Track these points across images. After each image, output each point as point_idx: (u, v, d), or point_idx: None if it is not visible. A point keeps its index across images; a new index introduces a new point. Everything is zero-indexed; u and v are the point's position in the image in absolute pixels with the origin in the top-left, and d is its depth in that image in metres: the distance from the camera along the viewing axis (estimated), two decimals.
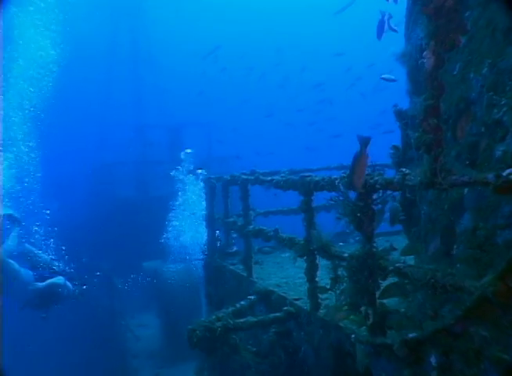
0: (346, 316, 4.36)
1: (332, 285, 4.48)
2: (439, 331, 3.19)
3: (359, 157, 3.70)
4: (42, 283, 9.15)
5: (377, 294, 3.97)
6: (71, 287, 9.73)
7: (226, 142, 27.77)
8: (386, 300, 4.06)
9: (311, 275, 4.92)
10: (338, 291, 4.44)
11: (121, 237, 18.16)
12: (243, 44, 41.69)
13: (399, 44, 4.99)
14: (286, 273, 7.03)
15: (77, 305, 10.36)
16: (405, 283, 3.82)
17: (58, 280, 9.41)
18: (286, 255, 7.91)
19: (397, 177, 3.54)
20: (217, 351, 5.19)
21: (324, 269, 4.80)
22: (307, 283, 5.06)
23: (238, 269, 7.43)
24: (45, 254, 9.82)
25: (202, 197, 9.65)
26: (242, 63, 39.79)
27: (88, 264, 15.48)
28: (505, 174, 2.73)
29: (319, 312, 4.94)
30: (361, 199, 3.90)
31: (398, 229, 5.22)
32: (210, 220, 8.46)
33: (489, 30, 3.62)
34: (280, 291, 6.05)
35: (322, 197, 5.18)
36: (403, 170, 3.50)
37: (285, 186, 5.22)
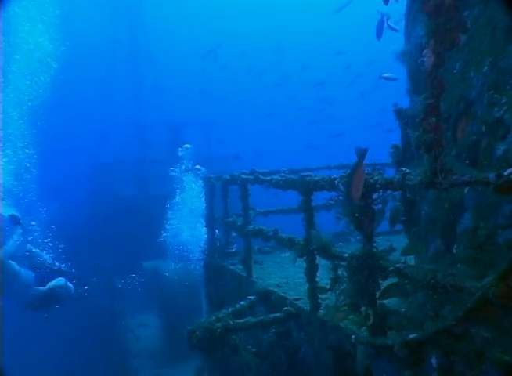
0: (345, 316, 4.34)
1: (332, 285, 4.45)
2: (440, 332, 3.16)
3: (356, 169, 3.68)
4: (44, 288, 9.09)
5: (377, 294, 3.95)
6: (72, 287, 9.70)
7: (226, 142, 27.75)
8: (386, 300, 4.04)
9: (311, 275, 4.89)
10: (338, 291, 4.41)
11: (121, 237, 18.14)
12: (243, 43, 41.66)
13: (399, 42, 4.96)
14: (286, 273, 7.00)
15: (77, 305, 10.34)
16: (406, 284, 3.80)
17: (59, 281, 9.37)
18: (286, 255, 7.87)
19: (397, 177, 3.52)
20: (217, 352, 5.17)
21: (324, 269, 4.77)
22: (307, 284, 5.04)
23: (238, 269, 7.40)
24: (46, 255, 9.78)
25: (201, 194, 9.63)
26: (242, 61, 39.77)
27: (88, 263, 15.50)
28: (506, 173, 2.70)
29: (319, 312, 4.91)
30: (361, 199, 3.87)
31: (398, 228, 5.19)
32: (210, 220, 8.44)
33: (489, 29, 3.59)
34: (280, 291, 6.02)
35: (321, 197, 5.16)
36: (403, 169, 3.48)
37: (284, 185, 5.19)
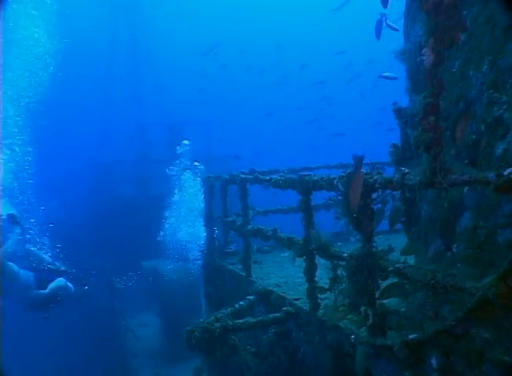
0: (344, 316, 4.32)
1: (331, 285, 4.43)
2: (440, 332, 3.14)
3: (354, 177, 3.67)
4: (45, 291, 9.02)
5: (377, 294, 3.93)
6: (72, 287, 9.67)
7: (226, 141, 27.73)
8: (386, 300, 4.02)
9: (311, 275, 4.87)
10: (337, 291, 4.40)
11: (121, 236, 18.12)
12: (243, 42, 41.64)
13: (399, 41, 4.93)
14: (286, 273, 6.98)
15: (77, 304, 10.31)
16: (405, 284, 3.78)
17: (59, 282, 9.32)
18: (286, 254, 7.85)
19: (396, 176, 3.50)
20: (216, 352, 5.15)
21: (324, 268, 4.75)
22: (306, 283, 5.02)
23: (237, 269, 7.38)
24: (46, 255, 9.73)
25: (199, 193, 9.59)
26: (241, 60, 39.75)
27: (87, 263, 15.48)
28: (506, 173, 2.68)
29: (319, 312, 4.90)
30: (360, 198, 3.85)
31: (398, 227, 5.16)
32: (209, 219, 8.42)
33: (489, 27, 3.57)
34: (280, 290, 6.00)
35: (321, 197, 5.14)
36: (402, 169, 3.46)
37: (284, 185, 5.17)
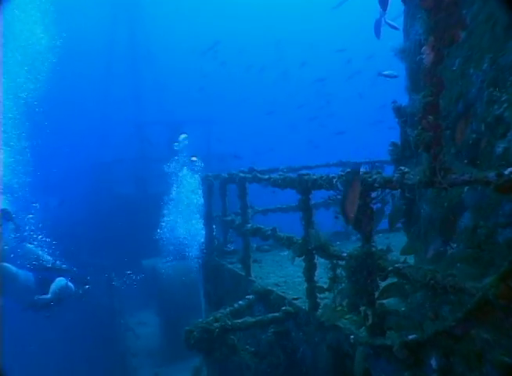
0: (341, 316, 4.30)
1: (330, 285, 4.41)
2: (440, 333, 3.12)
3: (351, 187, 3.65)
4: (47, 296, 8.99)
5: (376, 294, 3.90)
6: (73, 287, 9.65)
7: (226, 140, 27.70)
8: (385, 300, 4.00)
9: (310, 275, 4.85)
10: (336, 290, 4.37)
11: (120, 235, 18.11)
12: (242, 40, 41.61)
13: (399, 38, 4.90)
14: (285, 272, 6.95)
15: (77, 304, 10.29)
16: (405, 284, 3.76)
17: (60, 282, 9.29)
18: (285, 253, 7.83)
19: (396, 176, 3.47)
20: (215, 352, 5.13)
21: (323, 267, 4.73)
22: (305, 283, 5.00)
23: (236, 268, 7.35)
24: (46, 254, 9.70)
25: (196, 190, 9.54)
26: (241, 58, 39.71)
27: (87, 262, 15.46)
28: (507, 173, 2.65)
29: (318, 312, 4.87)
30: (359, 198, 3.82)
31: (398, 225, 5.14)
32: (208, 218, 8.40)
33: (489, 25, 3.54)
34: (279, 290, 5.97)
35: (320, 196, 5.11)
36: (402, 168, 3.43)
37: (283, 184, 5.14)
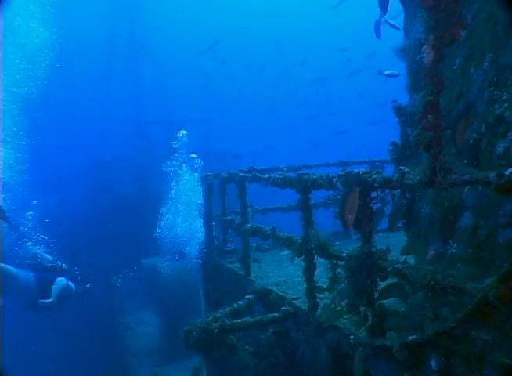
0: (340, 316, 4.29)
1: (330, 285, 4.39)
2: (440, 334, 3.10)
3: (349, 195, 3.63)
4: (50, 300, 9.06)
5: (376, 294, 3.88)
6: (74, 286, 9.66)
7: (226, 139, 27.68)
8: (385, 301, 3.98)
9: (309, 274, 4.83)
10: (336, 291, 4.35)
11: (120, 234, 18.09)
12: (243, 38, 41.57)
13: (399, 37, 4.88)
14: (285, 272, 6.93)
15: (76, 303, 10.28)
16: (404, 284, 3.74)
17: (60, 282, 9.30)
18: (285, 253, 7.81)
19: (396, 176, 3.45)
20: (214, 352, 5.11)
21: (323, 267, 4.71)
22: (305, 283, 4.98)
23: (236, 268, 7.33)
24: (47, 254, 9.70)
25: (195, 187, 9.51)
26: (241, 57, 39.67)
27: (86, 261, 15.45)
28: (507, 173, 2.63)
29: (317, 312, 4.85)
30: (359, 197, 3.80)
31: (398, 225, 5.11)
32: (208, 218, 8.38)
33: (490, 24, 3.52)
34: (279, 289, 5.95)
35: (320, 196, 5.09)
36: (402, 168, 3.41)
37: (282, 184, 5.12)
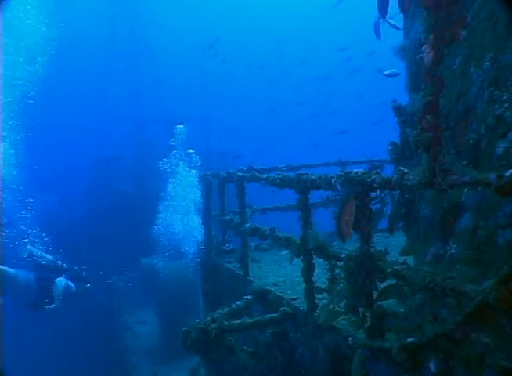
0: (338, 316, 4.27)
1: (329, 287, 4.36)
2: (439, 336, 3.08)
3: (346, 205, 3.61)
4: (54, 305, 9.17)
5: (375, 295, 3.86)
6: (73, 286, 9.67)
7: (226, 139, 27.65)
8: (384, 301, 3.95)
9: (308, 275, 4.80)
10: (334, 291, 4.32)
11: (120, 232, 18.07)
12: (243, 37, 41.55)
13: (399, 36, 4.85)
14: (284, 272, 6.91)
15: (76, 302, 10.26)
16: (403, 285, 3.71)
17: (60, 283, 9.31)
18: (284, 253, 7.79)
19: (395, 176, 3.42)
20: (212, 353, 5.09)
21: (322, 267, 4.68)
22: (304, 283, 4.95)
23: (234, 268, 7.31)
24: (47, 254, 9.69)
25: (194, 184, 9.49)
26: (241, 56, 39.63)
27: (86, 259, 15.42)
28: (507, 174, 2.60)
29: (316, 312, 4.83)
30: (358, 198, 3.78)
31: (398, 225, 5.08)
32: (207, 217, 8.35)
33: (491, 23, 3.49)
34: (277, 290, 5.93)
35: (319, 196, 5.07)
36: (401, 169, 3.38)
37: (281, 184, 5.09)
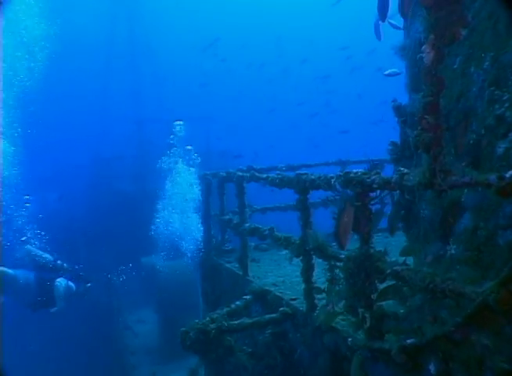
0: (336, 316, 4.26)
1: (329, 287, 4.34)
2: (439, 338, 3.06)
3: (344, 214, 3.60)
4: (59, 307, 9.27)
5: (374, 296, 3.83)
6: (74, 286, 9.68)
7: (226, 138, 27.62)
8: (383, 302, 3.93)
9: (308, 276, 4.79)
10: (333, 292, 4.31)
11: (120, 232, 18.06)
12: (243, 36, 41.51)
13: (400, 36, 4.82)
14: (284, 271, 6.89)
15: (76, 301, 10.26)
16: (403, 286, 3.69)
17: (60, 284, 9.31)
18: (284, 253, 7.76)
19: (395, 177, 3.40)
20: (211, 353, 5.07)
21: (322, 267, 4.66)
22: (303, 284, 4.93)
23: (234, 267, 7.30)
24: (47, 254, 9.69)
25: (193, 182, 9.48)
26: (241, 55, 39.60)
27: (86, 258, 15.41)
28: (508, 175, 2.57)
29: (315, 313, 4.81)
30: (358, 198, 3.76)
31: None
32: (206, 217, 8.33)
33: (491, 23, 3.46)
34: (277, 290, 5.92)
35: (318, 196, 5.05)
36: (401, 169, 3.36)
37: (280, 184, 5.07)
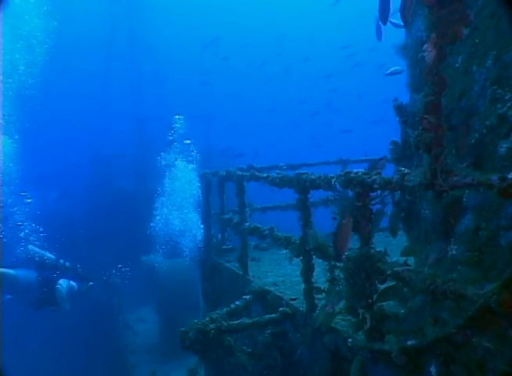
0: (335, 317, 4.24)
1: (329, 288, 4.32)
2: (440, 340, 3.03)
3: (343, 224, 3.58)
4: (64, 309, 9.37)
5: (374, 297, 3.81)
6: (75, 285, 9.69)
7: (227, 137, 27.62)
8: (384, 303, 3.90)
9: (308, 276, 4.76)
10: (333, 293, 4.28)
11: (120, 231, 18.05)
12: (244, 34, 41.48)
13: (401, 35, 4.79)
14: (284, 271, 6.86)
15: (77, 301, 10.26)
16: (403, 287, 3.66)
17: (62, 285, 9.33)
18: (284, 252, 7.73)
19: (396, 177, 3.37)
20: (211, 353, 5.05)
21: (322, 267, 4.64)
22: (303, 284, 4.91)
23: (234, 267, 7.27)
24: (50, 254, 9.71)
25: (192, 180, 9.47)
26: (242, 53, 39.57)
27: (86, 257, 15.40)
28: (510, 176, 2.54)
29: (315, 313, 4.79)
30: (358, 199, 3.73)
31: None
32: (206, 216, 8.31)
33: (494, 21, 3.42)
34: (277, 290, 5.90)
35: (318, 196, 5.03)
36: (402, 169, 3.32)
37: (280, 183, 5.04)
